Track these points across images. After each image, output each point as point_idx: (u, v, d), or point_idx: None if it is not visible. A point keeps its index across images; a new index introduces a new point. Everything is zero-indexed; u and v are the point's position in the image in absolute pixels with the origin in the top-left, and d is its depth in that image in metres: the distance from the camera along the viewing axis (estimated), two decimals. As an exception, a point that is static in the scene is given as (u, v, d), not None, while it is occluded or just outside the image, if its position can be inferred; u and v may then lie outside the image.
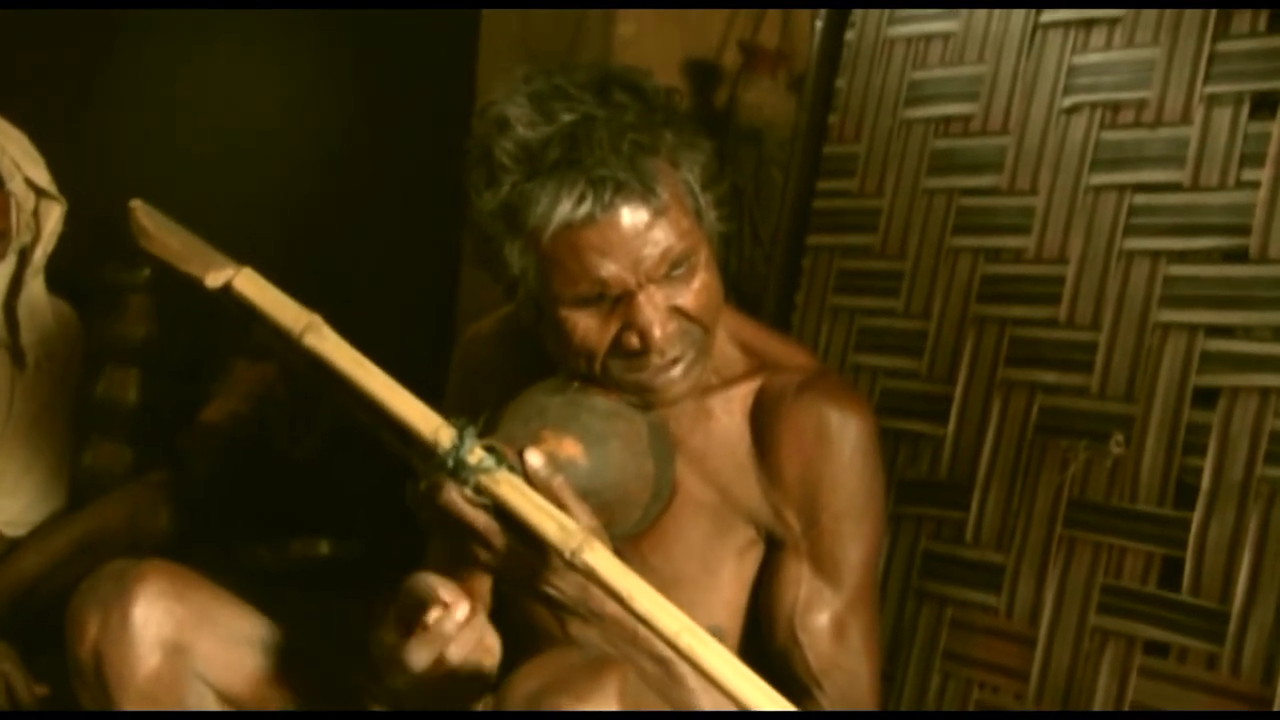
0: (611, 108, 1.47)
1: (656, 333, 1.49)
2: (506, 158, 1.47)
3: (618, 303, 1.49)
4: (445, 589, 1.42)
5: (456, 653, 1.41)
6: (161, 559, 1.64)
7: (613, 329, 1.50)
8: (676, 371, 1.53)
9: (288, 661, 1.63)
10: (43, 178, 2.34)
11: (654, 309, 1.49)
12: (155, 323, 2.72)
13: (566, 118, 1.46)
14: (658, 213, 1.47)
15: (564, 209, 1.44)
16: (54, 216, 2.35)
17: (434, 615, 1.41)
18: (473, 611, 1.42)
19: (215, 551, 2.54)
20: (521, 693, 1.37)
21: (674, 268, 1.50)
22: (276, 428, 2.86)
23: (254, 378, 2.78)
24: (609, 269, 1.47)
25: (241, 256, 1.57)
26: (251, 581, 1.72)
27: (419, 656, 1.41)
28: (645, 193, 1.46)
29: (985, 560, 1.88)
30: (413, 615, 1.43)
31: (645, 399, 1.55)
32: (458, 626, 1.41)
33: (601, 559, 1.39)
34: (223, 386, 2.81)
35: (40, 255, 2.37)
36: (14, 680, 2.17)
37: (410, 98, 3.30)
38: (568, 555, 1.40)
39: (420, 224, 3.06)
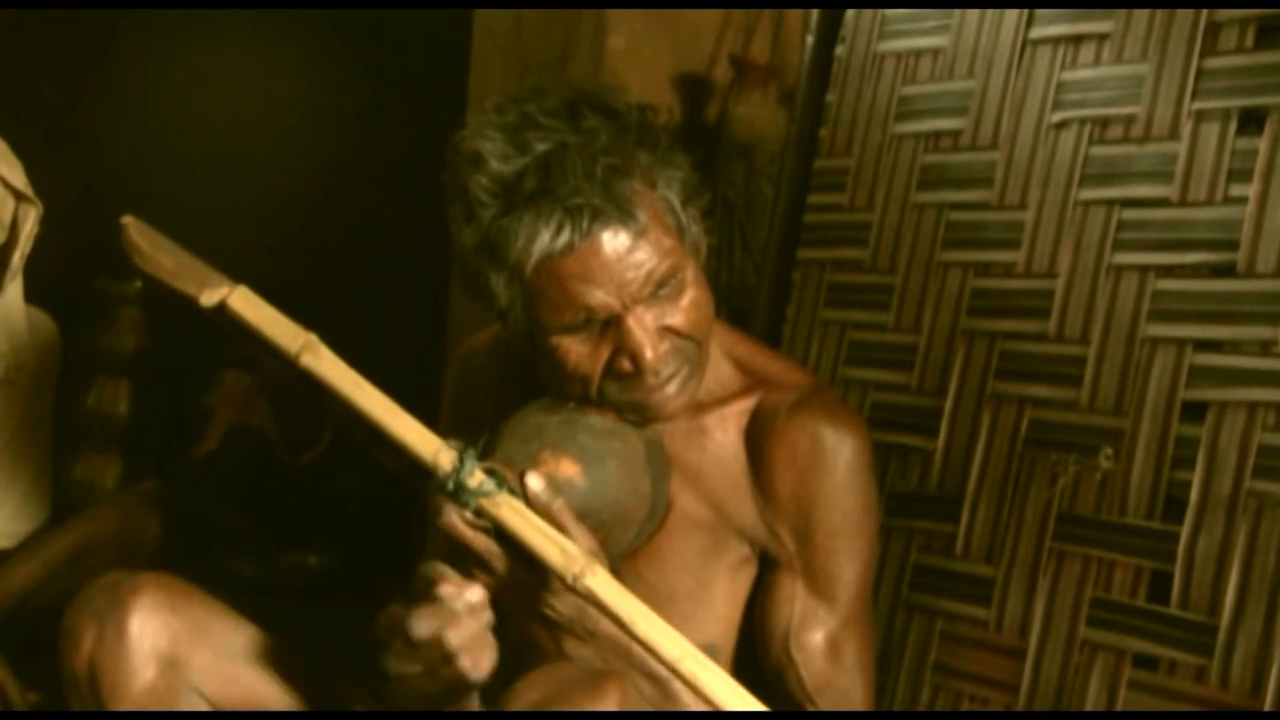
0: (583, 133, 1.46)
1: (648, 354, 1.49)
2: (482, 193, 1.47)
3: (607, 326, 1.50)
4: (458, 577, 1.42)
5: (456, 637, 1.38)
6: (156, 571, 1.64)
7: (605, 353, 1.51)
8: (671, 388, 1.54)
9: (282, 674, 1.63)
10: (19, 180, 2.28)
11: (644, 331, 1.49)
12: (146, 334, 2.73)
13: (539, 147, 1.46)
14: (637, 235, 1.47)
15: (543, 241, 1.45)
16: (31, 219, 2.28)
17: (447, 589, 1.39)
18: (482, 604, 1.40)
19: (205, 564, 2.54)
20: (524, 704, 1.37)
21: (660, 287, 1.50)
22: (279, 438, 2.86)
23: (247, 388, 2.78)
24: (594, 296, 1.47)
25: (229, 266, 1.56)
26: (244, 594, 1.72)
27: (422, 625, 1.38)
28: (623, 217, 1.46)
29: (975, 573, 1.88)
30: (424, 589, 1.41)
31: (642, 416, 1.55)
32: (467, 607, 1.39)
33: (603, 584, 1.40)
34: (214, 398, 2.81)
35: (18, 259, 2.31)
36: (7, 687, 2.16)
37: (400, 112, 3.30)
38: (570, 580, 1.41)
39: (410, 237, 3.07)
